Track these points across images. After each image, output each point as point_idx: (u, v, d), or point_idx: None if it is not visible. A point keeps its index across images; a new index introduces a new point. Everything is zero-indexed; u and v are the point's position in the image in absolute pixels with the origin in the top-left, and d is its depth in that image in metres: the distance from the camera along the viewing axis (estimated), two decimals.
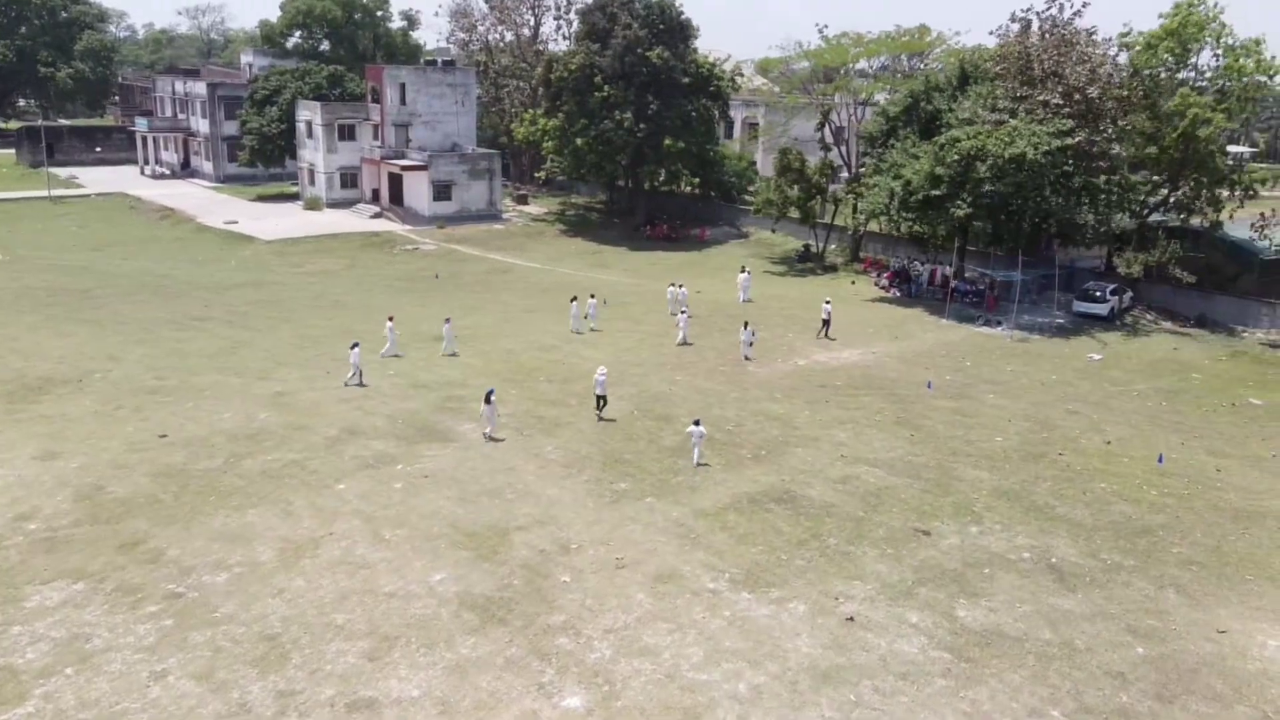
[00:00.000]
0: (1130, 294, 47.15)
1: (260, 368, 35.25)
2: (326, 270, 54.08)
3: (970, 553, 22.73)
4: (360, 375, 33.93)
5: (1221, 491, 26.64)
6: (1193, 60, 44.42)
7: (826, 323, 41.83)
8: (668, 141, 63.34)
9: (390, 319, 38.13)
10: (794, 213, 58.23)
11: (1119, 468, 28.12)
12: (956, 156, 44.26)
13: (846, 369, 37.37)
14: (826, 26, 61.48)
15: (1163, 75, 45.15)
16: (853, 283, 53.83)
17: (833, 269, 57.95)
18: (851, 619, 19.75)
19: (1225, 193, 44.97)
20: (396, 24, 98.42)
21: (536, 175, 75.07)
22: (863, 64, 62.03)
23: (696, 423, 28.43)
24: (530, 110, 74.16)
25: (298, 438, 28.54)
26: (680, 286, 45.78)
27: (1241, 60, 42.75)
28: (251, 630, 18.74)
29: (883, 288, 52.19)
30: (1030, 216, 44.43)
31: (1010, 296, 48.34)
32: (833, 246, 61.11)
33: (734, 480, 26.53)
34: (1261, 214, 41.66)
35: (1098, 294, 46.24)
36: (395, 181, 70.66)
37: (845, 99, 59.66)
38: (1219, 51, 43.67)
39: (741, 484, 26.29)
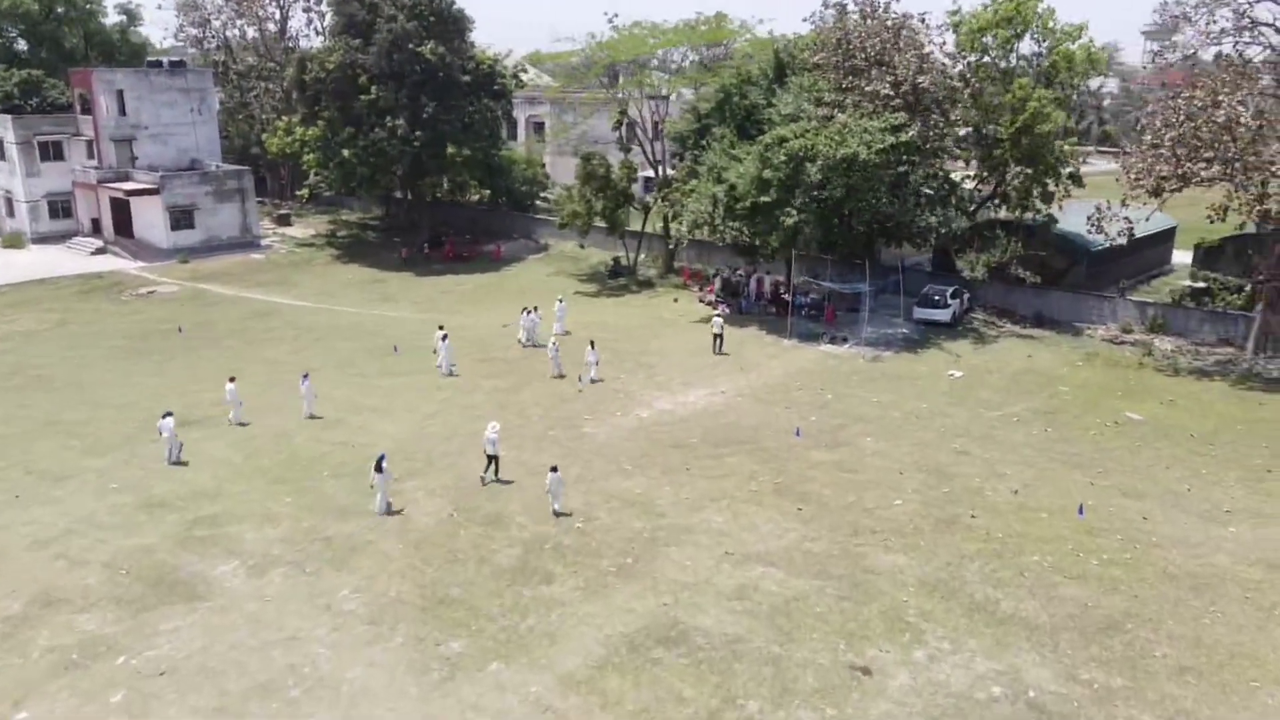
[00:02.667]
0: (968, 296, 44.42)
1: None
2: (28, 331, 42.69)
3: (929, 698, 17.37)
4: (179, 450, 27.52)
5: (1161, 549, 22.85)
6: (1017, 47, 41.88)
7: (719, 338, 38.71)
8: (450, 149, 55.61)
9: (231, 379, 30.98)
10: (599, 222, 52.26)
11: (1041, 529, 23.87)
12: (784, 158, 39.63)
13: (698, 418, 31.68)
14: (616, 16, 55.76)
15: (986, 61, 42.40)
16: (675, 300, 48.42)
17: (649, 284, 52.41)
18: None
19: (1052, 184, 42.80)
20: (113, 19, 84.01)
21: (299, 193, 65.17)
22: (663, 55, 56.77)
23: (554, 469, 24.40)
24: (285, 117, 64.04)
25: None
26: (534, 312, 40.46)
27: (1067, 47, 40.56)
28: None
29: (709, 304, 47.09)
30: (866, 220, 40.52)
31: (850, 306, 44.59)
32: (643, 256, 55.67)
33: (602, 614, 20.04)
34: (1098, 206, 39.70)
35: (937, 299, 43.10)
36: (120, 208, 58.69)
37: (645, 94, 54.18)
38: (1042, 37, 41.29)
39: (613, 618, 19.85)
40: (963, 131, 43.05)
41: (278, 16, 75.56)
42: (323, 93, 56.40)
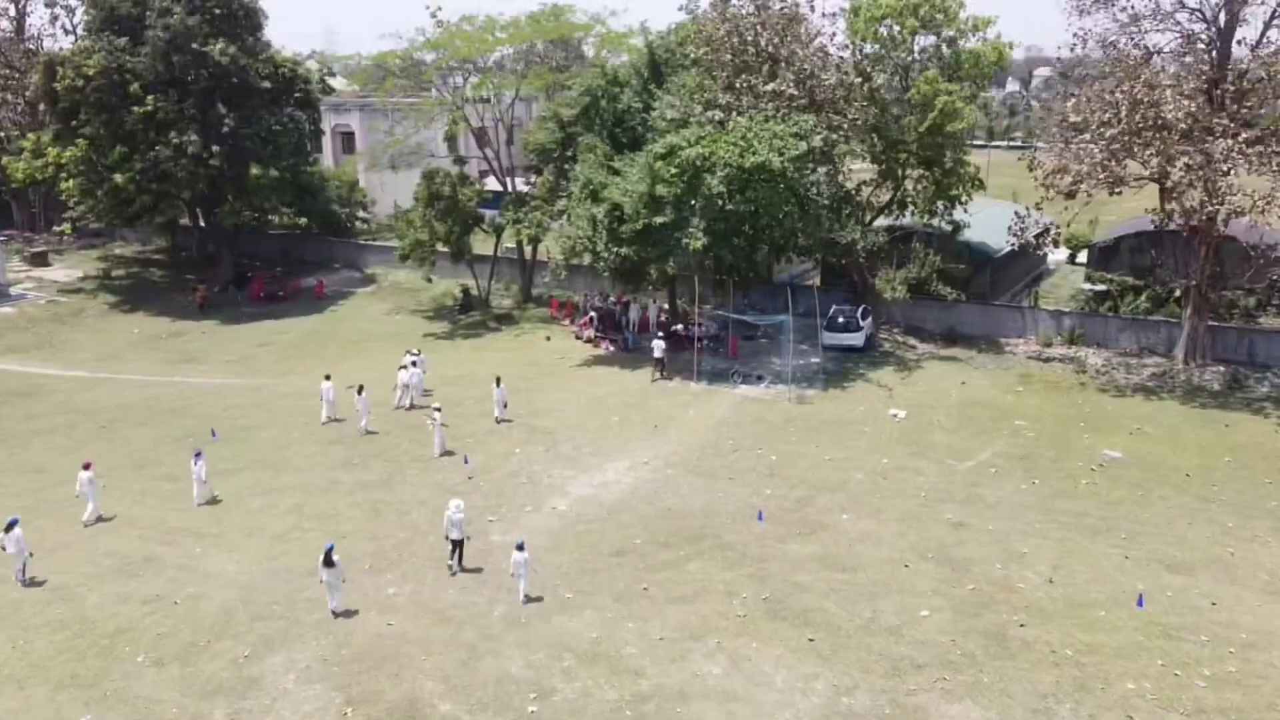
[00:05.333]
0: (872, 314, 40.20)
1: None
2: None
3: None
4: (24, 570, 21.49)
5: (1259, 650, 18.59)
6: (917, 39, 37.77)
7: (660, 362, 35.15)
8: (255, 172, 46.39)
9: (86, 466, 24.76)
10: (441, 246, 44.62)
11: (1109, 635, 19.14)
12: (676, 170, 33.88)
13: (631, 505, 25.30)
14: (440, 9, 48.08)
15: (884, 54, 38.14)
16: (548, 338, 41.71)
17: (508, 318, 45.34)
18: None
19: (957, 188, 39.20)
20: None
21: (59, 227, 53.44)
22: (512, 53, 49.66)
23: (520, 547, 20.34)
24: (32, 135, 52.13)
25: None
26: (417, 356, 34.26)
27: (979, 41, 36.90)
28: None
29: (589, 340, 40.74)
30: (774, 238, 35.42)
31: (745, 335, 39.51)
32: (495, 284, 48.53)
33: None
34: (1016, 212, 36.40)
35: (844, 321, 38.62)
36: None
37: (492, 97, 47.03)
38: (946, 28, 37.32)
39: None
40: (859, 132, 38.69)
41: (12, 12, 62.56)
42: (82, 104, 45.81)
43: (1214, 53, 32.50)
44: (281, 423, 31.57)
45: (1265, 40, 32.56)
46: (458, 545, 21.73)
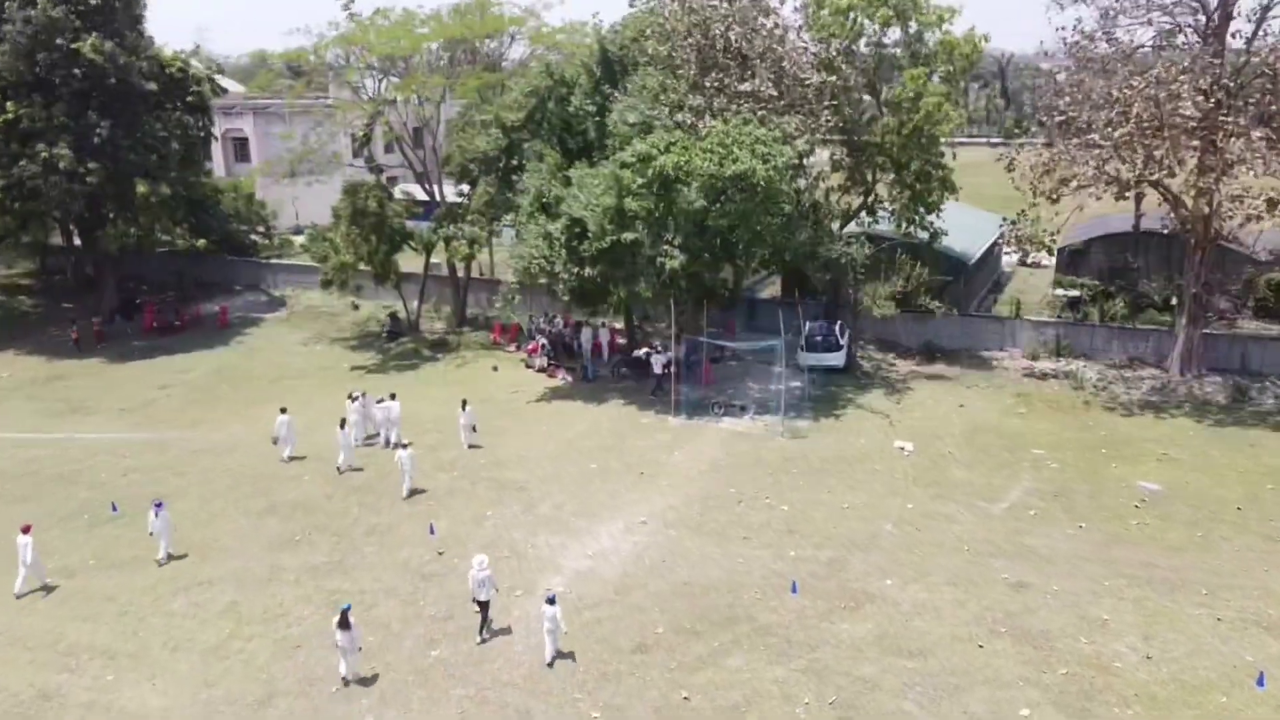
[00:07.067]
0: (849, 330, 37.30)
1: None
2: None
3: None
4: None
5: None
6: (886, 32, 34.79)
7: (659, 380, 33.18)
8: (141, 189, 40.54)
9: (26, 530, 21.58)
10: (363, 265, 39.71)
11: None
12: (642, 182, 30.17)
13: (639, 580, 21.50)
14: (353, 1, 43.08)
15: (852, 49, 35.07)
16: (495, 368, 37.37)
17: (443, 344, 40.76)
18: None
19: (935, 193, 36.57)
20: None
21: None
22: (436, 51, 44.84)
23: (551, 600, 18.41)
24: None
25: None
26: (387, 399, 30.11)
27: (950, 33, 34.23)
28: None
29: (543, 370, 36.62)
30: (753, 254, 32.11)
31: (713, 357, 36.11)
32: (426, 306, 43.83)
33: None
34: (1005, 218, 33.94)
35: (822, 339, 35.57)
36: None
37: (420, 99, 42.31)
38: (915, 19, 34.40)
39: None
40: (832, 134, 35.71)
41: None
42: None
43: (1212, 46, 30.53)
44: (199, 490, 26.51)
45: (1262, 33, 30.88)
46: (484, 607, 19.26)
